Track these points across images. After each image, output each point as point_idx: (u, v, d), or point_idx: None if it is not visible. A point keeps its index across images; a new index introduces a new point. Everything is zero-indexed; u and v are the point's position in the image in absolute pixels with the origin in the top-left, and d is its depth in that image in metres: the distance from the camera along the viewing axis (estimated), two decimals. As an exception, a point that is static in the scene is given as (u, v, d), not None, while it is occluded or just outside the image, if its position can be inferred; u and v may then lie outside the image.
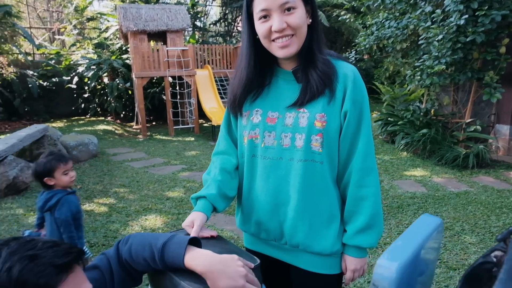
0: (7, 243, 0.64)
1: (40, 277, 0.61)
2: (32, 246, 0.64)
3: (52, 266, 0.62)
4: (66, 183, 2.03)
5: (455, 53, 5.01)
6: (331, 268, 1.20)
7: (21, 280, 0.59)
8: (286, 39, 1.06)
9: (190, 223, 1.11)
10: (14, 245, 0.64)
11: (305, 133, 1.10)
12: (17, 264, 0.60)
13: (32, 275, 0.60)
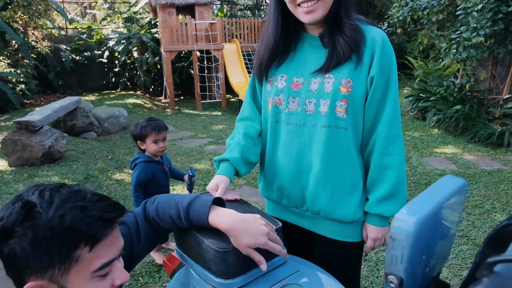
0: (58, 190, 0.67)
1: (90, 228, 0.65)
2: (81, 196, 0.67)
3: (100, 219, 0.66)
4: (153, 151, 2.13)
5: (495, 24, 4.73)
6: (351, 236, 1.20)
7: (73, 228, 0.63)
8: (311, 4, 1.04)
9: (214, 186, 1.13)
10: (65, 193, 0.67)
11: (329, 98, 1.09)
12: (69, 213, 0.64)
13: (82, 225, 0.64)
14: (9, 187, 3.42)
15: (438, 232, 0.59)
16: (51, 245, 0.62)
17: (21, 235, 0.62)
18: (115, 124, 6.09)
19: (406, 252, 0.52)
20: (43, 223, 0.62)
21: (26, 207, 0.63)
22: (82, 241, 0.65)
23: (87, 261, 0.66)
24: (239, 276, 0.96)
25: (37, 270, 0.64)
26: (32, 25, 8.89)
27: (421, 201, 0.56)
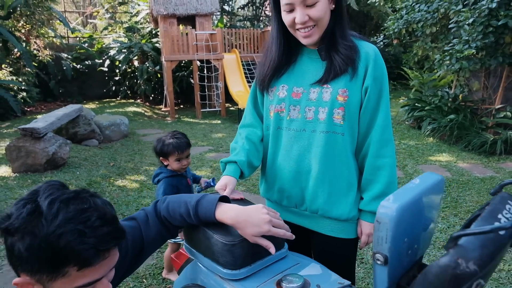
0: (67, 204, 0.71)
1: (82, 253, 0.69)
2: (85, 219, 0.70)
3: (95, 248, 0.70)
4: (176, 169, 2.09)
5: (486, 37, 4.89)
6: (348, 232, 1.30)
7: (66, 249, 0.68)
8: (308, 30, 1.17)
9: (223, 186, 1.24)
10: (71, 210, 0.70)
11: (328, 106, 1.20)
12: (68, 234, 0.67)
13: (76, 249, 0.68)
14: (14, 192, 3.50)
15: (418, 219, 0.70)
16: (43, 256, 0.68)
17: (20, 238, 0.68)
18: (116, 132, 6.19)
19: (389, 233, 0.63)
20: (41, 235, 0.67)
21: (34, 213, 0.69)
22: (72, 261, 0.69)
23: (73, 277, 0.71)
24: (245, 267, 1.06)
25: (28, 271, 0.70)
26: (34, 34, 9.02)
27: (403, 192, 0.67)
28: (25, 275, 0.71)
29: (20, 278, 0.71)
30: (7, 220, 0.69)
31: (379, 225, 0.64)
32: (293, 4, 1.14)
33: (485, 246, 0.54)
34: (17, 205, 0.71)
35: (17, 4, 7.77)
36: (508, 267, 2.46)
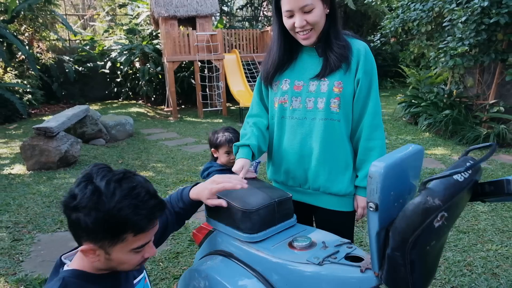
0: (120, 183, 0.88)
1: (138, 223, 0.87)
2: (136, 195, 0.86)
3: (147, 218, 0.89)
4: (224, 162, 2.09)
5: (478, 35, 5.09)
6: (346, 206, 1.50)
7: (125, 220, 0.84)
8: (306, 33, 1.36)
9: (240, 168, 1.42)
10: (125, 188, 0.86)
11: (325, 97, 1.39)
12: (126, 208, 0.83)
13: (133, 220, 0.85)
14: (31, 188, 3.69)
15: (401, 178, 0.89)
16: (107, 226, 0.84)
17: (87, 214, 0.83)
18: (121, 131, 6.38)
19: (379, 186, 0.82)
20: (105, 210, 0.83)
21: (96, 193, 0.83)
22: (130, 229, 0.86)
23: (129, 242, 0.88)
24: (261, 231, 1.25)
25: (92, 239, 0.86)
26: (37, 37, 9.20)
27: (389, 156, 0.86)
28: (89, 243, 0.87)
29: (85, 246, 0.87)
30: (74, 200, 0.85)
31: (371, 180, 0.83)
32: (292, 11, 1.33)
33: (447, 187, 0.73)
34: (78, 187, 0.85)
35: (21, 8, 7.95)
36: (495, 247, 2.66)
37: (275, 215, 1.29)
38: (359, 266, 1.03)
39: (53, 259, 2.39)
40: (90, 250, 0.88)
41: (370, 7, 11.22)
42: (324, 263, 1.08)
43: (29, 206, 3.19)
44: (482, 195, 0.90)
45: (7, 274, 2.22)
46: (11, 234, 2.70)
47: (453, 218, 0.82)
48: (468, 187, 0.80)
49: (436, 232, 0.77)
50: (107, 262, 0.90)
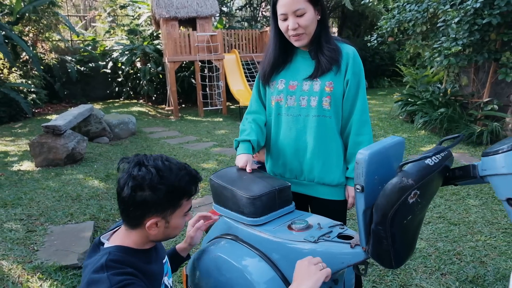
0: (170, 162, 1.08)
1: (191, 188, 1.10)
2: (183, 167, 1.11)
3: (195, 184, 1.12)
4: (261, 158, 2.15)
5: (472, 35, 5.24)
6: (338, 195, 1.65)
7: (184, 188, 1.07)
8: (298, 35, 1.50)
9: (245, 163, 1.57)
10: (175, 165, 1.08)
11: (318, 96, 1.55)
12: (183, 179, 1.06)
13: (188, 187, 1.09)
14: (40, 183, 3.84)
15: (384, 164, 1.04)
16: (172, 196, 1.05)
17: (155, 190, 1.00)
18: (125, 130, 6.53)
19: (364, 170, 0.97)
20: (169, 183, 1.03)
21: (159, 172, 1.03)
22: (186, 195, 1.09)
23: (184, 206, 1.10)
24: (263, 215, 1.40)
25: (159, 211, 1.05)
26: (41, 38, 9.34)
27: (374, 145, 1.01)
28: (155, 216, 1.05)
29: (151, 220, 1.04)
30: (144, 181, 1.01)
31: (357, 165, 0.98)
32: (286, 14, 1.48)
33: (419, 170, 0.88)
34: (141, 172, 1.02)
35: (26, 10, 8.09)
36: (484, 238, 2.82)
37: (276, 201, 1.44)
38: (349, 243, 1.18)
39: (65, 249, 2.56)
40: (153, 224, 1.05)
41: (367, 7, 11.37)
42: (319, 241, 1.23)
43: (40, 200, 3.34)
44: (453, 179, 1.05)
45: (23, 262, 2.37)
46: (25, 226, 2.85)
47: (426, 197, 0.97)
48: (438, 170, 0.95)
49: (411, 207, 0.92)
50: (164, 231, 1.09)
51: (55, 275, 2.27)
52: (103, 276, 0.93)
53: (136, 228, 1.07)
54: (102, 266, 0.96)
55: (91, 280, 0.93)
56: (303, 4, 1.46)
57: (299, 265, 1.11)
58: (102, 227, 3.00)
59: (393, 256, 1.04)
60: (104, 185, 3.91)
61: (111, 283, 0.91)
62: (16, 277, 2.21)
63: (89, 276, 0.95)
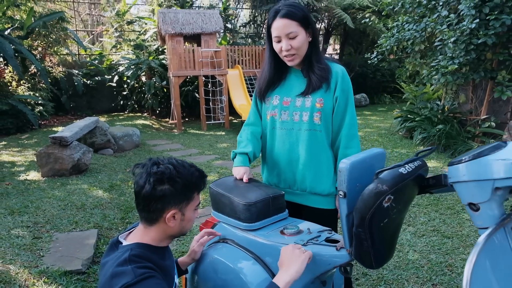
0: (182, 161, 1.24)
1: (201, 183, 1.24)
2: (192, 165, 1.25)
3: (203, 180, 1.26)
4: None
5: (468, 54, 5.40)
6: (329, 204, 1.75)
7: (195, 182, 1.21)
8: (290, 56, 1.64)
9: (242, 175, 1.69)
10: (186, 164, 1.23)
11: (309, 111, 1.67)
12: (194, 175, 1.21)
13: (199, 181, 1.23)
14: (46, 192, 3.95)
15: (365, 173, 1.15)
16: (186, 190, 1.19)
17: (175, 182, 1.15)
18: (129, 142, 6.67)
19: (346, 178, 1.08)
20: (184, 177, 1.18)
21: (175, 168, 1.17)
22: (196, 189, 1.23)
23: (195, 200, 1.24)
24: (258, 221, 1.51)
25: (176, 204, 1.18)
26: (49, 52, 9.60)
27: (355, 156, 1.13)
28: (173, 208, 1.18)
29: (170, 212, 1.18)
30: (164, 175, 1.15)
31: (340, 173, 1.09)
32: (280, 37, 1.62)
33: (393, 177, 1.00)
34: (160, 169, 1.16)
35: (36, 25, 8.35)
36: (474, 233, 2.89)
37: (270, 208, 1.55)
38: (335, 246, 1.29)
39: (70, 255, 2.66)
40: (171, 217, 1.18)
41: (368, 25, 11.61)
42: (307, 244, 1.33)
43: (46, 209, 3.45)
44: (428, 187, 1.16)
45: (30, 266, 2.47)
46: (32, 233, 2.96)
47: (401, 202, 1.08)
48: (411, 178, 1.06)
49: (386, 211, 1.03)
50: (180, 224, 1.21)
51: (60, 279, 2.37)
52: (128, 269, 1.04)
53: (155, 223, 1.20)
54: (126, 260, 1.07)
55: (115, 273, 1.05)
56: (295, 27, 1.60)
57: (284, 251, 1.24)
58: (105, 235, 3.10)
59: (373, 257, 1.14)
60: (108, 195, 4.02)
61: (135, 275, 1.02)
62: (22, 280, 2.31)
63: (113, 269, 1.06)
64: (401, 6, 6.79)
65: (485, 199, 0.92)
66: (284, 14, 1.59)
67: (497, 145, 0.93)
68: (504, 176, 0.87)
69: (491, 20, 5.01)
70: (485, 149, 0.93)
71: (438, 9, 6.15)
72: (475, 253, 0.86)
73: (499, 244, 0.90)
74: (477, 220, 0.95)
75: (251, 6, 14.05)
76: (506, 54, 5.37)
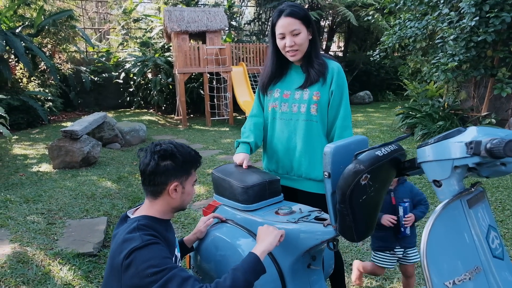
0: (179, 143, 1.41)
1: (197, 160, 1.41)
2: (189, 146, 1.41)
3: (199, 158, 1.42)
4: None
5: (468, 51, 5.49)
6: (322, 189, 1.87)
7: (193, 159, 1.38)
8: (293, 51, 1.79)
9: (242, 160, 1.85)
10: (183, 144, 1.41)
11: (306, 103, 1.82)
12: (190, 152, 1.38)
13: (195, 159, 1.39)
14: (58, 183, 4.14)
15: (348, 156, 1.30)
16: (186, 165, 1.35)
17: (175, 158, 1.32)
18: (135, 137, 6.85)
19: (330, 160, 1.23)
20: (183, 154, 1.34)
21: (174, 148, 1.35)
22: (194, 165, 1.40)
23: (193, 175, 1.40)
24: (255, 203, 1.67)
25: (177, 177, 1.34)
26: (58, 49, 9.81)
27: (339, 141, 1.28)
28: (174, 181, 1.34)
29: (173, 185, 1.34)
30: (166, 152, 1.32)
31: (325, 156, 1.24)
32: (284, 34, 1.77)
33: (369, 158, 1.14)
34: (162, 147, 1.33)
35: (46, 23, 8.55)
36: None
37: (266, 191, 1.71)
38: (323, 223, 1.44)
39: (82, 239, 2.84)
40: (174, 189, 1.35)
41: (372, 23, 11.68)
42: (298, 222, 1.49)
43: (59, 198, 3.63)
44: (404, 170, 1.30)
45: (46, 249, 2.65)
46: (46, 219, 3.14)
47: (378, 181, 1.22)
48: (387, 160, 1.20)
49: (364, 188, 1.17)
50: (181, 197, 1.37)
51: (73, 260, 2.55)
52: (136, 235, 1.22)
53: (159, 196, 1.36)
54: (135, 228, 1.25)
55: (125, 239, 1.22)
56: (298, 25, 1.75)
57: (260, 229, 1.44)
58: (114, 222, 3.28)
59: (355, 231, 1.29)
60: (116, 186, 4.20)
61: (142, 240, 1.20)
62: (39, 261, 2.49)
63: (124, 236, 1.23)
64: (403, 4, 6.88)
65: (446, 176, 1.06)
66: (288, 13, 1.75)
67: (458, 130, 1.07)
68: (460, 156, 1.01)
69: (491, 17, 5.10)
70: (448, 133, 1.07)
71: (440, 7, 6.25)
72: (432, 219, 1.01)
73: (454, 213, 1.05)
74: (440, 195, 1.10)
75: (256, 4, 14.18)
76: (506, 52, 5.46)
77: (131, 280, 1.17)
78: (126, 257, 1.18)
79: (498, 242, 1.09)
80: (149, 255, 1.17)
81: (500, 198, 3.85)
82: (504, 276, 1.04)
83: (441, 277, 0.99)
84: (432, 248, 0.99)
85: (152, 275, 1.14)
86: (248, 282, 1.22)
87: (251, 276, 1.24)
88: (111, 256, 1.26)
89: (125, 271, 1.18)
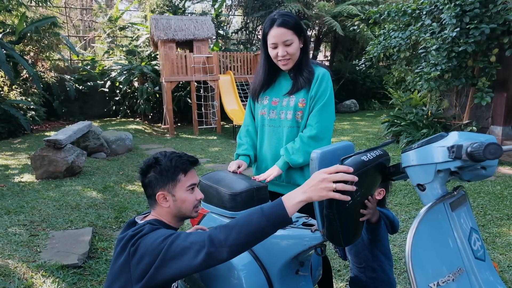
0: (169, 151, 1.42)
1: (183, 164, 1.37)
2: (176, 153, 1.41)
3: (188, 161, 1.39)
4: None
5: (450, 61, 5.64)
6: (312, 195, 1.91)
7: (175, 165, 1.35)
8: (285, 61, 1.81)
9: (237, 165, 1.86)
10: (169, 152, 1.41)
11: (292, 110, 1.84)
12: (174, 159, 1.36)
13: (180, 164, 1.36)
14: (41, 194, 4.06)
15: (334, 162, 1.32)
16: (167, 173, 1.34)
17: (155, 169, 1.33)
18: (122, 146, 6.78)
19: (316, 166, 1.24)
20: (163, 163, 1.34)
21: (156, 158, 1.36)
22: (180, 171, 1.36)
23: (183, 181, 1.36)
24: (243, 210, 1.66)
25: (162, 186, 1.34)
26: (41, 57, 9.68)
27: (326, 146, 1.30)
28: (161, 190, 1.34)
29: (160, 192, 1.34)
30: (146, 166, 1.37)
31: (312, 161, 1.26)
32: (276, 44, 1.79)
33: (355, 163, 1.16)
34: (146, 161, 1.38)
35: (28, 30, 8.45)
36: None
37: (254, 198, 1.70)
38: (311, 229, 1.45)
39: (66, 250, 2.78)
40: (161, 197, 1.34)
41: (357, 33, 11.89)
42: (286, 228, 1.49)
43: (42, 209, 3.56)
44: (390, 175, 1.32)
45: (28, 261, 2.59)
46: (28, 231, 3.07)
47: (364, 186, 1.24)
48: (372, 165, 1.22)
49: (349, 193, 1.19)
50: (174, 204, 1.36)
51: (57, 273, 2.49)
52: (145, 226, 1.26)
53: (155, 206, 1.38)
54: (144, 224, 1.29)
55: (134, 234, 1.23)
56: (291, 35, 1.77)
57: (316, 175, 1.13)
58: (100, 233, 3.22)
59: (342, 235, 1.30)
60: (102, 196, 4.14)
61: (152, 228, 1.24)
62: (21, 274, 2.42)
63: (131, 232, 1.24)
64: (388, 15, 7.03)
65: (429, 180, 1.08)
66: (280, 23, 1.76)
67: (440, 135, 1.10)
68: (442, 160, 1.03)
69: (471, 29, 5.26)
70: (431, 138, 1.10)
71: (422, 18, 6.41)
72: (416, 222, 1.02)
73: (437, 216, 1.06)
74: (424, 199, 1.11)
75: (243, 13, 14.30)
76: (486, 62, 5.61)
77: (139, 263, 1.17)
78: (132, 245, 1.20)
79: (479, 244, 1.11)
80: (155, 235, 1.20)
81: (481, 204, 3.93)
82: (485, 277, 1.06)
83: (425, 279, 1.00)
84: (417, 250, 1.01)
85: (160, 244, 1.16)
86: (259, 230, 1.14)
87: (267, 225, 1.13)
88: (116, 256, 1.25)
89: (132, 257, 1.19)
